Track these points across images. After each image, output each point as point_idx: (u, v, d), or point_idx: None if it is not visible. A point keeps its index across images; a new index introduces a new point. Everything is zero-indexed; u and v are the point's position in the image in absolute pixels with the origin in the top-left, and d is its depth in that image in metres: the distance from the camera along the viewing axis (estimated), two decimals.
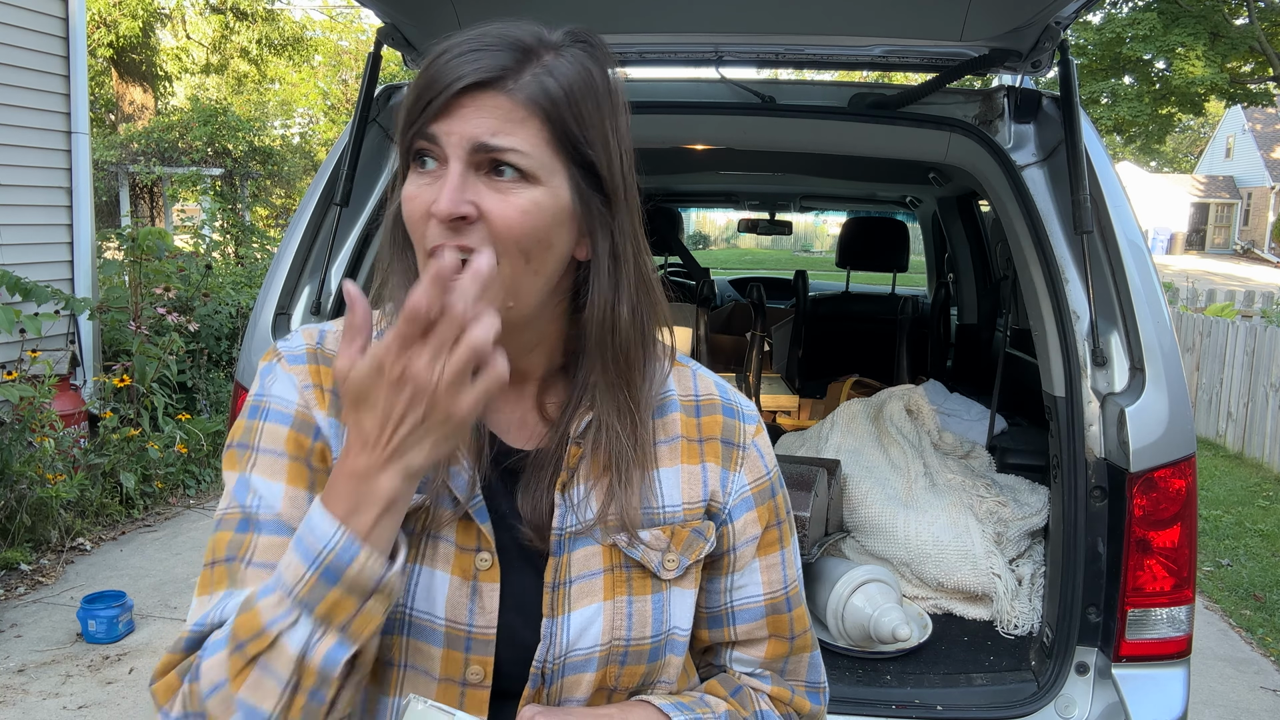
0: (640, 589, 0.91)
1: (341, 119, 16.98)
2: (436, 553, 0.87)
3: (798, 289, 4.33)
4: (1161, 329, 1.82)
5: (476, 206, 0.81)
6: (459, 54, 0.81)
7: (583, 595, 0.89)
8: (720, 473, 0.96)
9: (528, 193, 0.82)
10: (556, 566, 0.89)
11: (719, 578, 0.98)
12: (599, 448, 0.90)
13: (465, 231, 0.81)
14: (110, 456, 5.09)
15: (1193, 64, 17.09)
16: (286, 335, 0.96)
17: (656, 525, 0.92)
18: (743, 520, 0.97)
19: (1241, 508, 6.29)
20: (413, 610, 0.86)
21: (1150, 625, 1.80)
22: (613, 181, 0.86)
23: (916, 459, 2.67)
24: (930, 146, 2.19)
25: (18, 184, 5.53)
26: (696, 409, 0.98)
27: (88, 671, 3.51)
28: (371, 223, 2.16)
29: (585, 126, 0.84)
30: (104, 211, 12.00)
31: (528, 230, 0.82)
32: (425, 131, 0.82)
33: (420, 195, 0.83)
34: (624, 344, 0.89)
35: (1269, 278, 25.39)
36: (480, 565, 0.87)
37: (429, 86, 0.82)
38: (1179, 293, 13.02)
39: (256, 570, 0.83)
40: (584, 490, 0.90)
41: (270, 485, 0.86)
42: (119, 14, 13.57)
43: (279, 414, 0.89)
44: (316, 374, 0.91)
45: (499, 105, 0.81)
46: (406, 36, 2.11)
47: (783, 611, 1.00)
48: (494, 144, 0.80)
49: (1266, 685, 3.84)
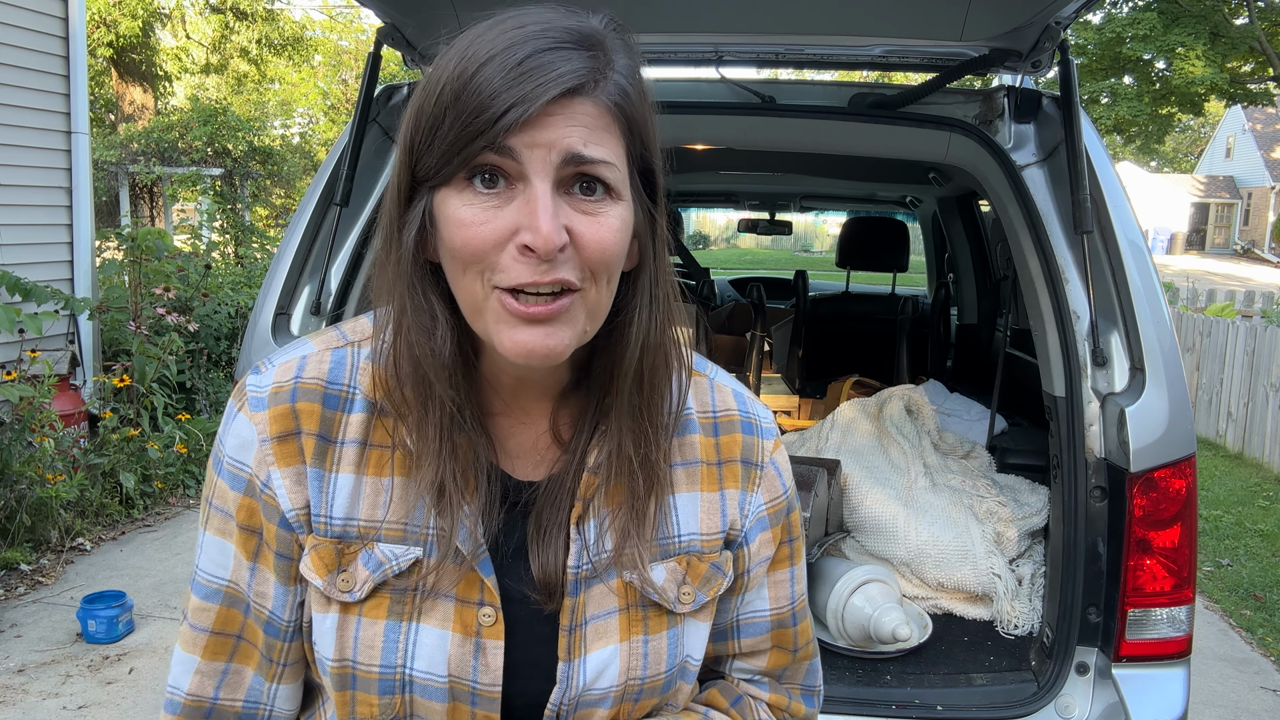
0: (656, 626, 0.86)
1: (341, 119, 16.98)
2: (436, 610, 0.81)
3: (798, 289, 4.33)
4: (1161, 329, 1.82)
5: (568, 231, 0.72)
6: (527, 55, 0.70)
7: (598, 636, 0.84)
8: (739, 496, 0.91)
9: (614, 210, 0.74)
10: (573, 608, 0.83)
11: (730, 598, 0.95)
12: (615, 478, 0.84)
13: (558, 264, 0.72)
14: (110, 456, 5.09)
15: (1192, 64, 17.09)
16: (260, 367, 0.86)
17: (671, 556, 0.87)
18: (757, 542, 0.93)
19: (1241, 508, 6.28)
20: (413, 670, 0.81)
21: (1150, 625, 1.80)
22: (661, 188, 0.81)
23: (916, 459, 2.67)
24: (930, 146, 2.19)
25: (18, 184, 5.53)
26: (715, 427, 0.92)
27: (88, 671, 3.51)
28: (371, 223, 2.16)
29: (649, 132, 0.78)
30: (104, 211, 12.00)
31: (618, 251, 0.75)
32: (502, 145, 0.70)
33: (489, 221, 0.72)
34: (655, 367, 0.83)
35: (1269, 278, 25.39)
36: (483, 621, 0.81)
37: (498, 94, 0.69)
38: (1179, 293, 13.02)
39: (187, 628, 0.86)
40: (599, 525, 0.84)
41: (220, 545, 0.85)
42: (119, 14, 13.57)
43: (231, 475, 0.83)
44: (285, 418, 0.82)
45: (587, 112, 0.72)
46: (406, 36, 2.11)
47: (788, 626, 0.98)
48: (588, 155, 0.71)
49: (1266, 685, 3.84)
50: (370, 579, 0.81)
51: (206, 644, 0.85)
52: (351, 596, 0.81)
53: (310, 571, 0.82)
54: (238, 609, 0.85)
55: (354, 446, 0.82)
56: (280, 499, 0.82)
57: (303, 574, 0.82)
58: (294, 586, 0.84)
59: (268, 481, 0.82)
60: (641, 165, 0.78)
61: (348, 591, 0.81)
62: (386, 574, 0.81)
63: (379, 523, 0.82)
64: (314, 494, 0.82)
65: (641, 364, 0.81)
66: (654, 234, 0.81)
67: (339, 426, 0.83)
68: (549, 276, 0.71)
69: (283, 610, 0.84)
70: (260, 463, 0.82)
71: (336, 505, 0.82)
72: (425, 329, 0.78)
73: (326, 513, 0.82)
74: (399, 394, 0.80)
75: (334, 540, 0.82)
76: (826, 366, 4.20)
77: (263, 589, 0.84)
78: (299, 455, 0.82)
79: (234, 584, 0.85)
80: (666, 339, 0.83)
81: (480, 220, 0.72)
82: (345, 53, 19.04)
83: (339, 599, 0.81)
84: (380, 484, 0.82)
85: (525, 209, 0.71)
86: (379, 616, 0.81)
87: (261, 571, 0.84)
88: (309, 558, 0.82)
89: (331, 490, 0.82)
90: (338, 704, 0.83)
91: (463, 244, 0.72)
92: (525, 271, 0.71)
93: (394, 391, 0.80)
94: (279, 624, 0.85)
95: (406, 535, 0.81)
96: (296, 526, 0.82)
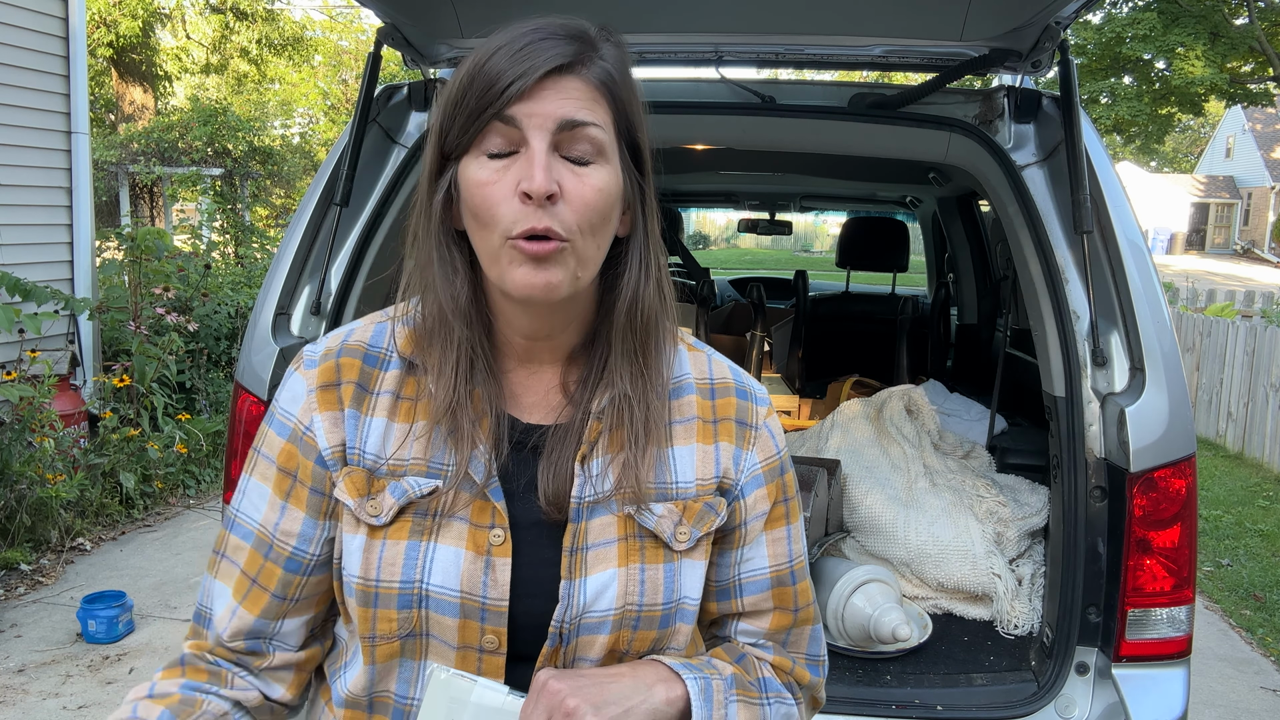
0: (653, 558, 0.94)
1: (341, 119, 16.98)
2: (451, 530, 0.92)
3: (798, 289, 4.33)
4: (1161, 329, 1.82)
5: (558, 185, 0.86)
6: (526, 44, 0.86)
7: (599, 561, 0.93)
8: (734, 451, 1.00)
9: (600, 172, 0.88)
10: (575, 533, 0.93)
11: (729, 551, 1.02)
12: (618, 423, 0.94)
13: (550, 212, 0.85)
14: (110, 456, 5.09)
15: (1192, 64, 17.09)
16: (318, 340, 1.02)
17: (670, 500, 0.96)
18: (753, 496, 1.01)
19: (1241, 508, 6.29)
20: (429, 585, 0.90)
21: (1150, 625, 1.80)
22: (648, 164, 0.95)
23: (916, 459, 2.67)
24: (930, 146, 2.19)
25: (18, 184, 5.53)
26: (711, 391, 1.02)
27: (88, 671, 3.51)
28: (372, 223, 2.16)
29: (634, 110, 0.92)
30: (104, 211, 12.00)
31: (601, 208, 0.88)
32: (505, 114, 0.85)
33: (499, 179, 0.87)
34: (647, 321, 0.95)
35: (1269, 278, 25.39)
36: (494, 541, 0.91)
37: (504, 73, 0.85)
38: (1179, 293, 13.02)
39: (226, 563, 0.98)
40: (602, 463, 0.94)
41: (260, 488, 0.97)
42: (119, 14, 13.57)
43: (280, 424, 0.97)
44: (330, 371, 0.96)
45: (576, 87, 0.87)
46: (406, 36, 2.10)
47: (787, 584, 1.04)
48: (580, 119, 0.86)
49: (1266, 685, 3.84)
50: (395, 504, 0.92)
51: (237, 579, 0.97)
52: (378, 520, 0.92)
53: (344, 494, 0.93)
54: (261, 552, 0.96)
55: (388, 396, 0.96)
56: (319, 438, 0.95)
57: (337, 497, 0.94)
58: (323, 522, 0.96)
59: (310, 426, 0.95)
60: (629, 140, 0.92)
61: (375, 516, 0.92)
62: (410, 497, 0.92)
63: (405, 460, 0.93)
64: (350, 431, 0.95)
65: (634, 314, 0.94)
66: (644, 204, 0.95)
67: (376, 380, 0.96)
68: (544, 222, 0.85)
69: (307, 544, 0.96)
70: (306, 410, 0.95)
71: (370, 442, 0.94)
72: (448, 278, 0.92)
73: (361, 446, 0.94)
74: (425, 342, 0.95)
75: (366, 470, 0.94)
76: (826, 366, 4.21)
77: (289, 527, 0.95)
78: (338, 402, 0.95)
79: (264, 528, 0.96)
80: (657, 295, 0.95)
81: (493, 180, 0.87)
82: (345, 53, 19.04)
83: (367, 521, 0.92)
84: (407, 428, 0.94)
85: (525, 164, 0.85)
86: (401, 538, 0.91)
87: (291, 510, 0.95)
88: (343, 483, 0.93)
89: (366, 429, 0.95)
90: (360, 621, 0.92)
91: (481, 199, 0.87)
92: (526, 218, 0.85)
93: (421, 341, 0.95)
94: (302, 557, 0.96)
95: (429, 469, 0.93)
96: (331, 464, 0.94)
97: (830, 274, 6.00)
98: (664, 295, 0.97)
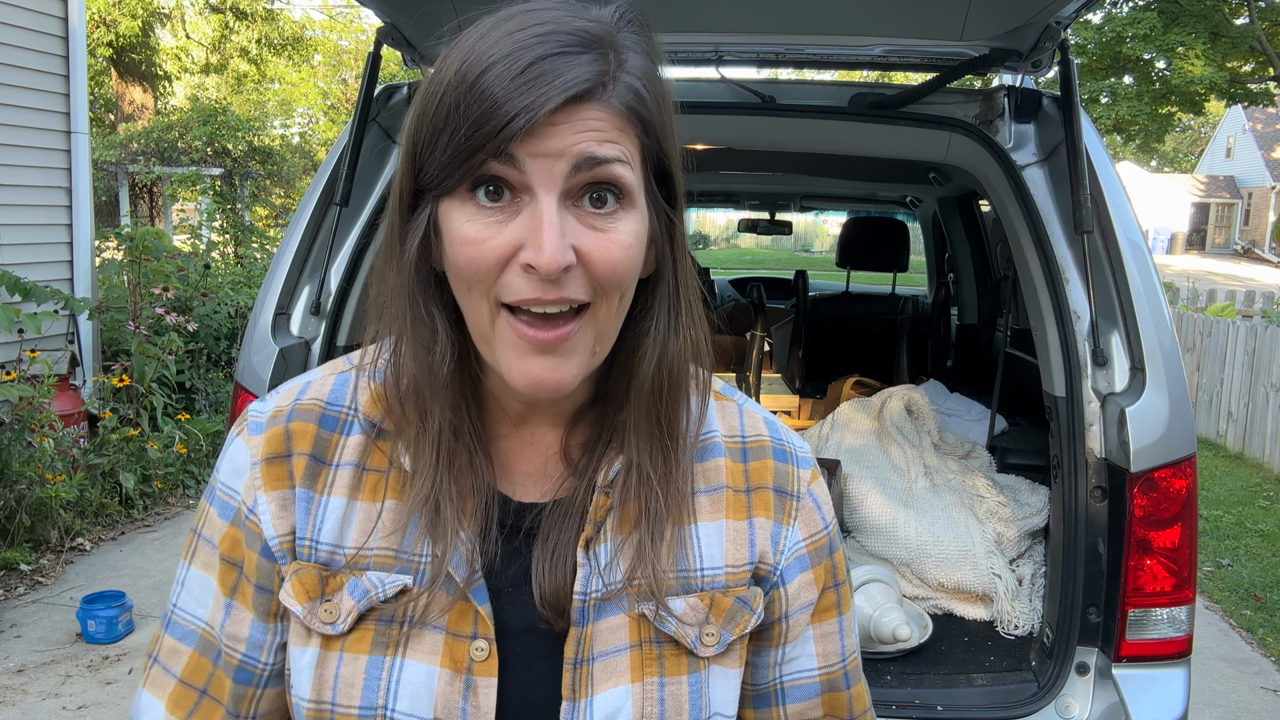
0: (674, 669, 0.77)
1: (341, 119, 16.98)
2: (423, 642, 0.74)
3: (798, 289, 4.33)
4: (1162, 329, 1.82)
5: (575, 250, 0.67)
6: (533, 61, 0.65)
7: (607, 676, 0.75)
8: (772, 528, 0.82)
9: (626, 223, 0.69)
10: (579, 639, 0.75)
11: (768, 650, 0.85)
12: (629, 498, 0.76)
13: (564, 282, 0.67)
14: (110, 456, 5.09)
15: (1192, 63, 17.09)
16: (267, 395, 0.83)
17: (693, 592, 0.78)
18: (796, 583, 0.83)
19: (1241, 508, 6.28)
20: (394, 713, 0.73)
21: (1150, 625, 1.79)
22: (680, 193, 0.76)
23: (916, 459, 2.67)
24: (930, 146, 2.19)
25: (17, 184, 5.53)
26: (743, 453, 0.83)
27: (87, 672, 3.50)
28: (371, 223, 2.15)
29: (667, 135, 0.72)
30: (103, 211, 12.00)
31: (630, 267, 0.70)
32: (505, 152, 0.66)
33: (492, 238, 0.67)
34: (676, 381, 0.77)
35: (1269, 278, 25.39)
36: (475, 655, 0.74)
37: (502, 102, 0.65)
38: (1179, 293, 13.02)
39: (158, 671, 0.81)
40: (611, 549, 0.76)
41: (202, 579, 0.80)
42: (119, 14, 13.57)
43: (221, 503, 0.79)
44: (278, 439, 0.78)
45: (598, 117, 0.67)
46: (406, 36, 2.11)
47: (840, 689, 0.87)
48: (601, 155, 0.67)
49: (1267, 685, 3.83)
50: (355, 608, 0.75)
51: (173, 692, 0.80)
52: (334, 629, 0.75)
53: (290, 598, 0.76)
54: (208, 657, 0.79)
55: (349, 469, 0.78)
56: (264, 525, 0.77)
57: (282, 601, 0.76)
58: (274, 624, 0.78)
59: (254, 507, 0.77)
60: (658, 168, 0.73)
61: (330, 623, 0.75)
62: (372, 600, 0.75)
63: (369, 550, 0.76)
64: (301, 516, 0.77)
65: (659, 376, 0.75)
66: (672, 240, 0.76)
67: (335, 449, 0.78)
68: (554, 295, 0.67)
69: (258, 652, 0.78)
70: (249, 488, 0.78)
71: (325, 529, 0.77)
72: (424, 344, 0.73)
73: (313, 536, 0.77)
74: (398, 410, 0.76)
75: (319, 566, 0.76)
76: (826, 366, 4.20)
77: (236, 630, 0.78)
78: (288, 478, 0.77)
79: (209, 627, 0.79)
80: (686, 349, 0.77)
81: (484, 237, 0.68)
82: (345, 53, 19.04)
83: (320, 631, 0.75)
84: (373, 509, 0.77)
85: (530, 224, 0.67)
86: (362, 651, 0.74)
87: (237, 610, 0.78)
88: (290, 583, 0.76)
89: (321, 513, 0.77)
90: None
91: (466, 262, 0.68)
92: (529, 288, 0.67)
93: (392, 407, 0.76)
94: (253, 668, 0.79)
95: (396, 562, 0.75)
96: (279, 556, 0.77)
97: (830, 274, 6.00)
98: (699, 351, 0.78)
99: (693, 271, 0.79)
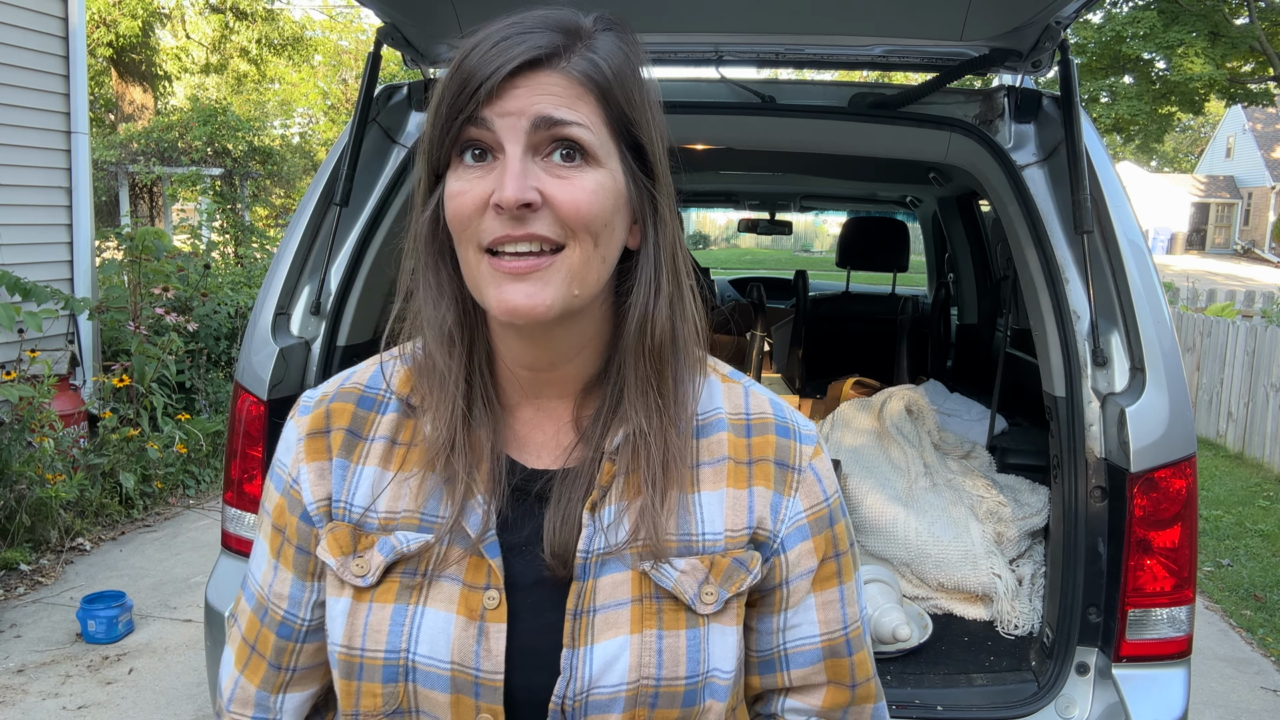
0: (672, 623, 0.82)
1: (341, 119, 16.99)
2: (442, 591, 0.82)
3: (798, 289, 4.34)
4: (1162, 329, 1.82)
5: (540, 192, 0.76)
6: (502, 38, 0.76)
7: (607, 626, 0.81)
8: (771, 497, 0.87)
9: (591, 174, 0.77)
10: (580, 592, 0.81)
11: (770, 616, 0.90)
12: (634, 465, 0.82)
13: (530, 219, 0.76)
14: (110, 456, 5.09)
15: (1192, 61, 17.08)
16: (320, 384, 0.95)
17: (694, 554, 0.83)
18: (797, 551, 0.88)
19: (1241, 508, 6.28)
20: (415, 655, 0.81)
21: (1150, 625, 1.79)
22: (659, 166, 0.83)
23: (917, 459, 2.67)
24: (930, 146, 2.19)
25: (17, 184, 5.53)
26: (747, 428, 0.89)
27: (87, 672, 3.50)
28: (371, 223, 2.16)
29: (633, 107, 0.80)
30: (104, 211, 12.01)
31: (596, 212, 0.77)
32: (476, 116, 0.76)
33: (472, 189, 0.77)
34: (661, 344, 0.82)
35: (1269, 278, 25.39)
36: (488, 604, 0.81)
37: (475, 73, 0.76)
38: (1179, 293, 13.02)
39: (233, 628, 0.93)
40: (615, 511, 0.83)
41: (261, 547, 0.92)
42: (119, 14, 13.57)
43: (276, 476, 0.91)
44: (320, 418, 0.89)
45: (555, 82, 0.77)
46: (406, 36, 2.10)
47: (842, 655, 0.91)
48: (557, 117, 0.75)
49: (1267, 685, 3.83)
50: (383, 562, 0.83)
51: (239, 647, 0.92)
52: (364, 581, 0.83)
53: (325, 552, 0.85)
54: (259, 616, 0.91)
55: (382, 443, 0.87)
56: (304, 492, 0.87)
57: (318, 556, 0.86)
58: (310, 583, 0.89)
59: (297, 478, 0.88)
60: (630, 140, 0.81)
61: (361, 576, 0.83)
62: (398, 554, 0.83)
63: (397, 512, 0.85)
64: (337, 483, 0.87)
65: (644, 336, 0.82)
66: (655, 212, 0.83)
67: (370, 425, 0.88)
68: (522, 230, 0.75)
69: (297, 608, 0.89)
70: (295, 461, 0.89)
71: (359, 494, 0.86)
72: (433, 301, 0.83)
73: (348, 499, 0.86)
74: (422, 384, 0.86)
75: (352, 526, 0.85)
76: (826, 366, 4.21)
77: (280, 589, 0.89)
78: (326, 451, 0.87)
79: (262, 588, 0.91)
80: (676, 317, 0.84)
81: (466, 189, 0.77)
82: (345, 53, 19.05)
83: (352, 583, 0.84)
84: (402, 477, 0.86)
85: (500, 173, 0.76)
86: (387, 601, 0.83)
87: (281, 570, 0.89)
88: (325, 540, 0.86)
89: (355, 480, 0.87)
90: (342, 696, 0.84)
91: (453, 214, 0.78)
92: (499, 226, 0.76)
93: (417, 383, 0.86)
94: (293, 623, 0.89)
95: (421, 523, 0.84)
96: (316, 520, 0.87)
97: (830, 274, 6.00)
98: (684, 315, 0.84)
99: (685, 254, 0.86)
